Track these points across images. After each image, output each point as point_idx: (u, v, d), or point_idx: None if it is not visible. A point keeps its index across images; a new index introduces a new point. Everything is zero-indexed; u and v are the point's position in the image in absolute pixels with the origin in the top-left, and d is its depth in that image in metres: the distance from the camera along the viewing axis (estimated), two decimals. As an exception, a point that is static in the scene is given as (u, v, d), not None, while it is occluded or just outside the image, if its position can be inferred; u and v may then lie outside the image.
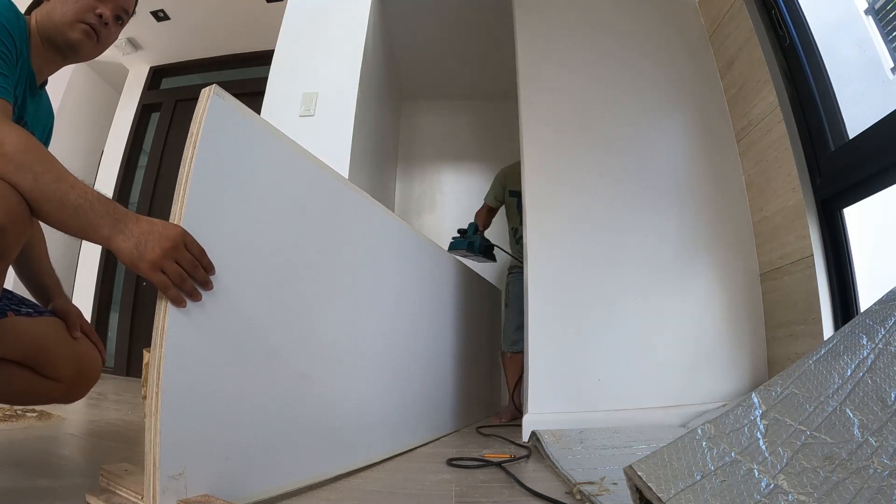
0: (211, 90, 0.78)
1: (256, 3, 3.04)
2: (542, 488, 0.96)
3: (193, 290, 0.73)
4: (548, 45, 2.05)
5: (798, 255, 1.60)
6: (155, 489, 0.66)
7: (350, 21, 2.22)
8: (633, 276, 1.77)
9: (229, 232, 0.82)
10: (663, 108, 1.99)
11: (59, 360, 0.92)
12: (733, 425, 0.66)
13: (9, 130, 0.68)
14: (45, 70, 0.94)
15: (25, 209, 0.67)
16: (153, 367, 0.69)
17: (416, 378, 1.51)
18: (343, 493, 0.95)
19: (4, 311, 0.90)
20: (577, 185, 1.85)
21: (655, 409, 1.61)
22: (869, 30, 1.47)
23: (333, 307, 1.09)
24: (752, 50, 1.81)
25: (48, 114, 1.02)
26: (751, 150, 1.87)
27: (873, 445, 0.54)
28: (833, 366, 0.66)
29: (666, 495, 0.58)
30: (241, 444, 0.82)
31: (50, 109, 1.03)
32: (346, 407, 1.13)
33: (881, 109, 1.37)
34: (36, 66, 0.90)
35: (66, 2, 0.90)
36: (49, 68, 0.94)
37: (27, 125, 0.92)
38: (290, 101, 2.08)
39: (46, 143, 1.04)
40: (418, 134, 3.66)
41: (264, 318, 0.88)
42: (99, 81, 3.78)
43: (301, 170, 1.00)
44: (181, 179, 0.74)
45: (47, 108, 1.02)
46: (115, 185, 3.35)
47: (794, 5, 1.70)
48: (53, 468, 1.00)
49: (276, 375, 0.90)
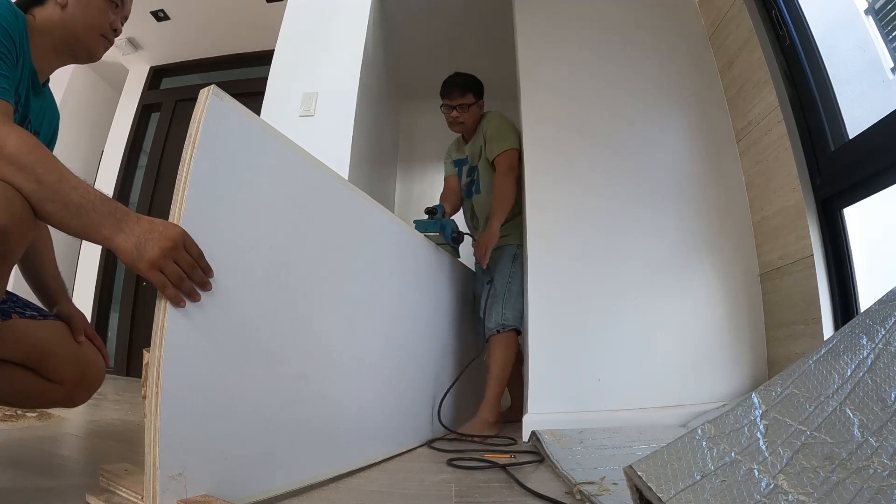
0: (209, 91, 0.78)
1: (256, 3, 3.04)
2: (542, 488, 0.96)
3: (192, 290, 0.73)
4: (548, 45, 2.05)
5: (798, 255, 1.60)
6: (155, 489, 0.66)
7: (350, 21, 2.22)
8: (633, 276, 1.77)
9: (228, 232, 0.82)
10: (663, 108, 1.99)
11: (62, 363, 0.92)
12: (733, 425, 0.66)
13: (10, 132, 0.68)
14: (47, 68, 0.94)
15: (29, 211, 0.67)
16: (153, 367, 0.69)
17: (416, 378, 1.51)
18: (343, 493, 0.95)
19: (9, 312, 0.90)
20: (577, 185, 1.85)
21: (655, 409, 1.61)
22: (869, 30, 1.47)
23: (333, 307, 1.09)
24: (752, 50, 1.81)
25: (53, 111, 1.02)
26: (751, 150, 1.87)
27: (873, 445, 0.54)
28: (833, 366, 0.66)
29: (666, 495, 0.58)
30: (241, 444, 0.82)
31: (54, 107, 1.03)
32: (346, 407, 1.13)
33: (881, 109, 1.37)
34: (38, 64, 0.90)
35: (87, 14, 0.92)
36: (52, 66, 0.95)
37: (31, 124, 0.92)
38: (290, 101, 2.08)
39: (53, 141, 1.05)
40: (418, 134, 3.66)
41: (263, 318, 0.88)
42: (99, 81, 3.78)
43: (300, 170, 1.00)
44: (180, 180, 0.74)
45: (52, 106, 1.02)
46: (115, 185, 3.35)
47: (794, 5, 1.70)
48: (53, 468, 1.00)
49: (276, 375, 0.90)
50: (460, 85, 2.01)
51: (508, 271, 1.87)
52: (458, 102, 1.99)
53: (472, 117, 2.03)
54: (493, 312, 1.80)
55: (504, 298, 1.81)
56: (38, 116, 0.94)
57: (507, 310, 1.79)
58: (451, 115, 2.02)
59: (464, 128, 2.06)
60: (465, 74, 2.05)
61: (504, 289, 1.83)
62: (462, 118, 2.01)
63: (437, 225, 1.88)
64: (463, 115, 2.01)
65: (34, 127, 0.94)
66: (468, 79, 2.04)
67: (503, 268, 1.88)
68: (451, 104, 2.01)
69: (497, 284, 1.85)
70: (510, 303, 1.80)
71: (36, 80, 0.91)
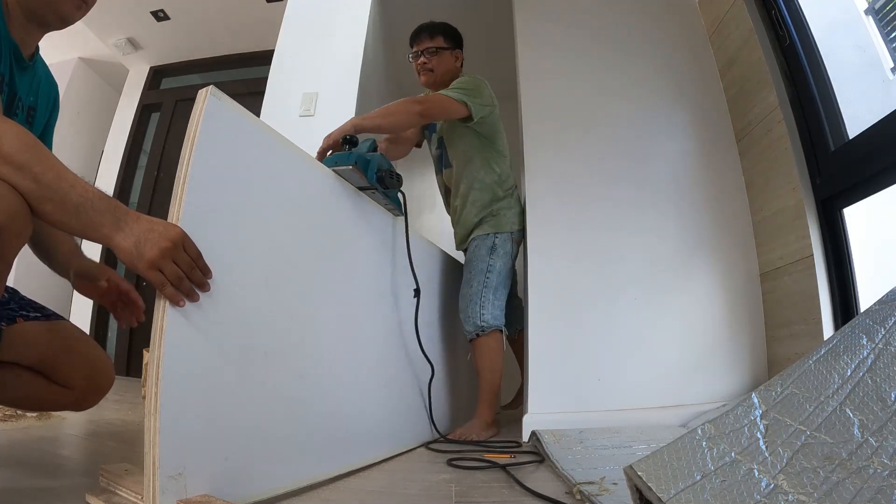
0: (207, 91, 0.78)
1: (256, 3, 3.04)
2: (541, 488, 0.96)
3: (191, 290, 0.73)
4: (547, 45, 2.05)
5: (798, 255, 1.60)
6: (155, 489, 0.66)
7: (350, 21, 2.22)
8: (633, 276, 1.77)
9: (227, 232, 0.82)
10: (663, 108, 1.99)
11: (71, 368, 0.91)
12: (733, 425, 0.66)
13: (7, 129, 0.67)
14: (28, 41, 0.89)
15: (26, 209, 0.66)
16: (153, 367, 0.69)
17: (415, 378, 1.51)
18: (343, 493, 0.95)
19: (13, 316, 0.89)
20: (576, 185, 1.85)
21: (655, 409, 1.61)
22: (869, 30, 1.47)
23: (332, 307, 1.09)
24: (752, 50, 1.81)
25: (49, 84, 0.98)
26: (751, 150, 1.87)
27: (873, 445, 0.54)
28: (833, 366, 0.66)
29: (666, 495, 0.58)
30: (241, 444, 0.81)
31: (50, 79, 0.98)
32: (346, 407, 1.13)
33: (881, 109, 1.37)
34: (18, 37, 0.85)
35: None
36: (32, 37, 0.90)
37: (22, 101, 0.89)
38: (290, 101, 2.08)
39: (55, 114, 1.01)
40: (418, 134, 3.65)
41: (263, 318, 0.88)
42: (99, 81, 3.78)
43: (298, 170, 1.00)
44: (179, 180, 0.74)
45: (46, 79, 0.97)
46: (115, 184, 3.34)
47: (794, 5, 1.70)
48: (53, 468, 1.00)
49: (276, 375, 0.90)
50: (429, 28, 1.77)
51: (486, 265, 1.68)
52: (425, 46, 1.73)
53: (442, 65, 1.74)
54: (471, 313, 1.64)
55: (481, 296, 1.63)
56: (28, 92, 0.91)
57: (486, 309, 1.63)
58: (419, 61, 1.75)
59: (432, 77, 1.76)
60: (438, 21, 1.80)
61: (480, 286, 1.65)
62: (430, 64, 1.73)
63: (350, 157, 1.18)
64: (431, 61, 1.73)
65: (26, 103, 0.90)
66: (440, 23, 1.79)
67: (479, 262, 1.70)
68: (418, 49, 1.75)
69: (472, 281, 1.67)
70: (489, 300, 1.63)
71: (19, 54, 0.86)
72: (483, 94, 1.69)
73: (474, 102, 1.64)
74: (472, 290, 1.67)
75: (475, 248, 1.74)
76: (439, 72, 1.76)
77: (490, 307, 1.65)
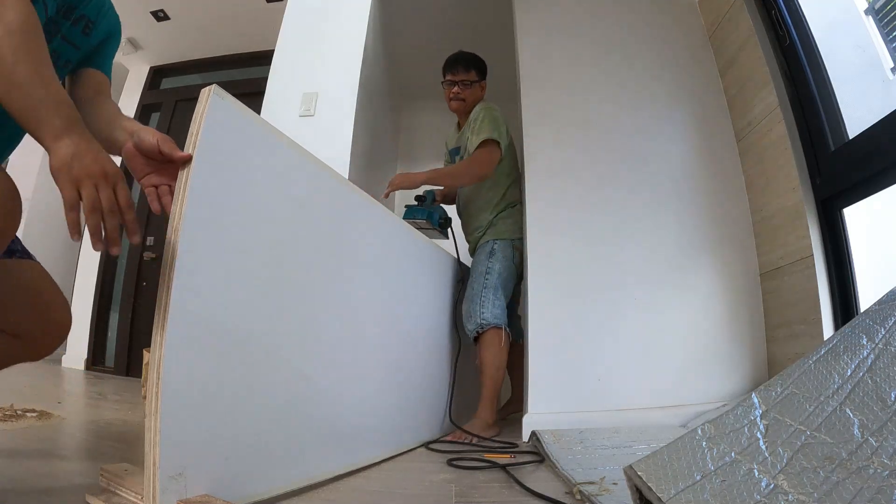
0: (210, 90, 0.78)
1: (256, 3, 3.04)
2: (541, 488, 0.96)
3: (98, 227, 0.66)
4: (548, 46, 2.05)
5: (798, 255, 1.60)
6: (155, 489, 0.66)
7: (350, 21, 2.22)
8: (633, 276, 1.77)
9: (229, 231, 0.81)
10: (663, 108, 1.99)
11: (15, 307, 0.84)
12: (733, 425, 0.66)
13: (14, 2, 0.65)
14: None
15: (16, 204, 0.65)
16: (153, 367, 0.69)
17: (416, 378, 1.51)
18: (343, 493, 0.95)
19: None
20: (576, 185, 1.85)
21: (655, 409, 1.61)
22: (869, 30, 1.47)
23: (333, 307, 1.09)
24: (752, 50, 1.81)
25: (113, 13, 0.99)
26: (751, 150, 1.87)
27: (873, 445, 0.54)
28: (833, 366, 0.66)
29: (666, 495, 0.58)
30: (241, 444, 0.82)
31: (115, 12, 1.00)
32: (346, 407, 1.13)
33: (881, 109, 1.37)
34: None
35: None
36: None
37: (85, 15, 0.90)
38: (290, 101, 2.08)
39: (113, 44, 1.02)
40: (418, 134, 3.65)
41: (264, 317, 0.88)
42: (99, 81, 3.78)
43: (301, 169, 1.00)
44: (181, 179, 0.74)
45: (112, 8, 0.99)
46: (114, 185, 3.34)
47: (794, 5, 1.71)
48: (53, 468, 1.00)
49: (276, 375, 0.90)
50: (465, 61, 1.98)
51: (485, 267, 1.81)
52: (460, 78, 1.96)
53: (472, 96, 1.99)
54: (472, 313, 1.74)
55: (481, 296, 1.74)
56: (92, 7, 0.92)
57: (486, 308, 1.72)
58: (452, 90, 1.98)
59: (462, 106, 2.00)
60: (470, 52, 2.02)
61: (480, 286, 1.77)
62: (463, 94, 1.98)
63: (424, 212, 1.87)
64: (464, 92, 1.97)
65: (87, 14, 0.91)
66: (474, 56, 2.01)
67: (479, 265, 1.84)
68: (453, 79, 1.98)
69: (473, 283, 1.80)
70: (488, 299, 1.73)
71: None
72: (502, 126, 1.90)
73: (502, 141, 1.88)
74: (472, 292, 1.79)
75: (477, 255, 1.91)
76: (469, 102, 2.00)
77: (490, 306, 1.74)
